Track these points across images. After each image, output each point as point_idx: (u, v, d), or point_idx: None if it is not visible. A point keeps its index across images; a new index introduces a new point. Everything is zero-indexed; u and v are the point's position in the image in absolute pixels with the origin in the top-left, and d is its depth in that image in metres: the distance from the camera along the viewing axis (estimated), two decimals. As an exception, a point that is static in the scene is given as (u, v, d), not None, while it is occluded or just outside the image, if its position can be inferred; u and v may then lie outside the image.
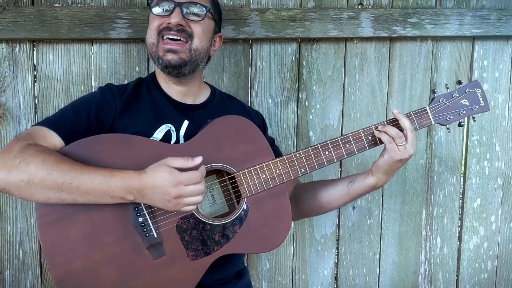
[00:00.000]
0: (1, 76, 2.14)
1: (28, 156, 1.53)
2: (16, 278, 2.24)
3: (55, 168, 1.53)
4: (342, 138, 1.82)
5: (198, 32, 1.82)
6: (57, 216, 1.61)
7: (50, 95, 2.19)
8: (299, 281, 2.58)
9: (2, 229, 2.20)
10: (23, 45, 2.15)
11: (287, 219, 1.81)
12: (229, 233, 1.73)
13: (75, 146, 1.65)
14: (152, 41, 1.81)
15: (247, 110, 2.07)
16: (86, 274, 1.63)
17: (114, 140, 1.70)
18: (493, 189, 2.74)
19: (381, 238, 2.65)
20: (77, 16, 2.13)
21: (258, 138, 1.82)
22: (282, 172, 1.78)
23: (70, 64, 2.20)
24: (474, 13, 2.54)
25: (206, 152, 1.71)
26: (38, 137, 1.64)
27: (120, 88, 1.88)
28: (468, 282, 2.78)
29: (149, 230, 1.65)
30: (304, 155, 1.80)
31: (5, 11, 2.06)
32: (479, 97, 1.90)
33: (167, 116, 1.84)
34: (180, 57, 1.78)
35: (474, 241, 2.76)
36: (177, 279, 1.69)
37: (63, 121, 1.72)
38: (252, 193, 1.75)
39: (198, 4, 1.81)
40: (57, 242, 1.61)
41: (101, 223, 1.63)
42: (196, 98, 1.96)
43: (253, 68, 2.41)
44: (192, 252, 1.70)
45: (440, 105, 1.87)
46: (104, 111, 1.78)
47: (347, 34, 2.43)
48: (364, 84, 2.53)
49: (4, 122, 2.15)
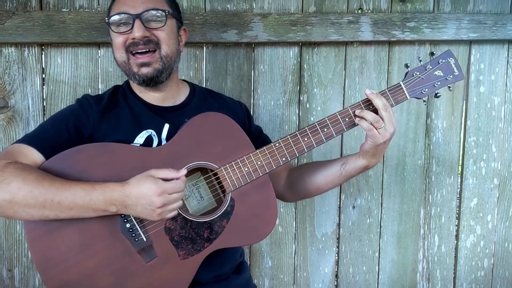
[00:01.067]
0: (11, 79, 2.13)
1: (8, 175, 1.50)
2: (25, 275, 2.24)
3: (36, 186, 1.50)
4: (320, 122, 1.75)
5: (164, 38, 1.76)
6: (45, 229, 1.58)
7: (58, 97, 2.18)
8: (300, 279, 2.57)
9: (11, 228, 2.20)
10: (31, 48, 2.14)
11: (273, 208, 1.78)
12: (218, 229, 1.71)
13: (56, 159, 1.62)
14: (122, 59, 1.76)
15: (227, 104, 2.01)
16: (81, 282, 1.60)
17: (94, 149, 1.67)
18: (490, 189, 2.72)
19: (380, 237, 2.63)
20: (84, 21, 2.13)
21: (237, 132, 1.78)
22: (263, 163, 1.74)
23: (78, 67, 2.20)
24: (471, 17, 2.52)
25: (187, 150, 1.70)
26: (18, 154, 1.61)
27: (96, 98, 1.83)
28: (465, 279, 2.77)
29: (137, 234, 1.62)
30: (284, 144, 1.74)
31: (14, 15, 2.06)
32: (453, 66, 1.81)
33: (146, 122, 1.80)
34: (154, 68, 1.75)
35: (471, 239, 2.74)
36: (171, 278, 1.67)
37: (42, 136, 1.68)
38: (236, 187, 1.72)
39: (156, 9, 1.74)
40: (49, 254, 1.58)
41: (90, 232, 1.60)
42: (175, 99, 1.91)
43: (256, 71, 2.40)
44: (183, 251, 1.68)
45: (414, 79, 1.79)
46: (82, 121, 1.74)
47: (347, 38, 2.42)
48: (364, 87, 2.51)
49: (14, 123, 2.15)
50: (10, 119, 2.14)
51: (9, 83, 2.13)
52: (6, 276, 2.22)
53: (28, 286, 2.24)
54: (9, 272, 2.22)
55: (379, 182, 2.59)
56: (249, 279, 2.03)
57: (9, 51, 2.12)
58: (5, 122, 2.14)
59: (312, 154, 2.49)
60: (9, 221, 2.19)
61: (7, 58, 2.13)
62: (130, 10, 1.72)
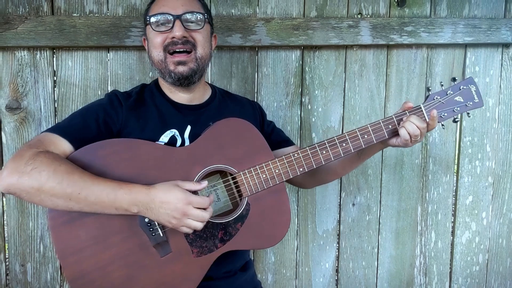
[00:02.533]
0: (23, 82, 2.11)
1: (39, 164, 1.48)
2: (37, 270, 2.21)
3: (66, 178, 1.48)
4: (339, 137, 1.75)
5: (200, 41, 1.77)
6: (67, 218, 1.58)
7: (69, 99, 2.16)
8: (302, 273, 2.54)
9: (24, 225, 2.17)
10: (43, 52, 2.12)
11: (286, 215, 1.76)
12: (232, 231, 1.69)
13: (82, 151, 1.61)
14: (159, 58, 1.76)
15: (243, 104, 2.01)
16: (97, 271, 1.60)
17: (120, 144, 1.66)
18: (484, 187, 2.71)
19: (379, 233, 2.61)
20: (94, 25, 2.10)
21: (257, 138, 1.77)
22: (281, 172, 1.73)
23: (88, 70, 2.17)
24: (466, 22, 2.51)
25: (209, 153, 1.69)
26: (49, 143, 1.59)
27: (125, 95, 1.82)
28: (460, 274, 2.75)
29: (155, 229, 1.61)
30: (303, 155, 1.74)
31: (27, 20, 2.04)
32: (473, 94, 1.80)
33: (172, 122, 1.79)
34: (189, 68, 1.75)
35: (466, 236, 2.73)
36: (183, 274, 1.66)
37: (73, 127, 1.67)
38: (253, 192, 1.71)
39: (196, 12, 1.76)
40: (68, 242, 1.58)
41: (109, 224, 1.59)
42: (201, 99, 1.90)
43: (259, 74, 2.38)
44: (197, 249, 1.66)
45: (434, 103, 1.78)
46: (111, 117, 1.73)
47: (347, 42, 2.39)
48: (363, 89, 2.49)
49: (26, 124, 2.12)
50: (23, 120, 2.12)
51: (22, 85, 2.11)
52: (19, 271, 2.20)
53: (40, 280, 2.22)
54: (22, 267, 2.20)
55: (378, 180, 2.57)
56: (254, 275, 2.01)
57: (22, 54, 2.10)
58: (18, 123, 2.12)
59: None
60: (21, 218, 2.17)
61: (20, 61, 2.10)
62: (171, 11, 1.73)
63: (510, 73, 2.66)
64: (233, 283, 1.85)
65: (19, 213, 2.17)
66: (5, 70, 2.10)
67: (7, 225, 2.18)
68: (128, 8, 2.18)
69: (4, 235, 2.18)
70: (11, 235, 2.18)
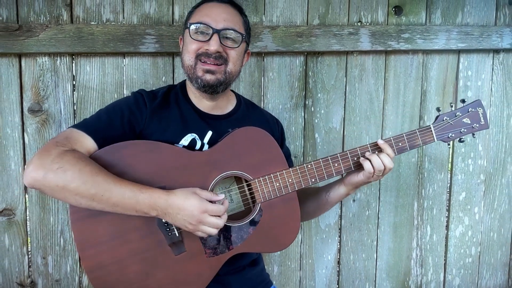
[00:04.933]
0: (44, 86, 2.07)
1: (65, 163, 1.43)
2: (58, 262, 2.18)
3: (90, 179, 1.43)
4: (351, 151, 1.72)
5: (233, 57, 1.70)
6: (89, 213, 1.53)
7: (87, 102, 2.12)
8: (306, 265, 2.50)
9: (45, 220, 2.14)
10: (63, 58, 2.08)
11: (296, 222, 1.72)
12: (244, 234, 1.65)
13: (106, 150, 1.56)
14: (190, 63, 1.69)
15: (266, 119, 1.93)
16: (113, 265, 1.56)
17: (142, 145, 1.61)
18: (476, 184, 2.68)
19: (378, 227, 2.58)
20: (111, 33, 2.06)
21: (274, 148, 1.72)
22: (294, 181, 1.69)
23: (105, 74, 2.13)
24: (460, 29, 2.47)
25: (226, 159, 1.64)
26: (74, 141, 1.53)
27: (151, 95, 1.75)
28: (454, 265, 2.73)
29: (171, 229, 1.58)
30: (315, 166, 1.70)
31: (48, 28, 2.00)
32: (480, 116, 1.77)
33: (193, 126, 1.72)
34: (217, 78, 1.67)
35: (459, 229, 2.70)
36: (194, 273, 1.62)
37: (98, 125, 1.61)
38: (266, 199, 1.67)
39: (235, 31, 1.68)
40: (88, 236, 1.55)
41: (128, 221, 1.55)
42: (223, 109, 1.83)
43: (265, 78, 2.33)
44: (210, 250, 1.63)
45: (443, 124, 1.76)
46: (135, 116, 1.66)
47: (348, 48, 2.35)
48: (363, 92, 2.45)
49: (47, 126, 2.08)
50: (44, 121, 2.08)
51: (43, 89, 2.07)
52: (40, 263, 2.16)
53: (61, 272, 2.18)
54: (43, 260, 2.16)
55: (377, 178, 2.51)
56: (262, 269, 1.96)
57: (43, 60, 2.05)
58: (40, 124, 2.07)
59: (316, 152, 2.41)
60: (43, 214, 2.13)
61: (41, 66, 2.06)
62: (212, 23, 1.65)
63: (501, 77, 2.63)
64: (242, 277, 1.80)
65: (41, 209, 2.12)
66: (27, 75, 2.05)
67: (30, 220, 2.14)
68: (142, 17, 2.14)
69: (27, 229, 2.14)
70: (33, 230, 2.14)
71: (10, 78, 2.04)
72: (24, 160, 2.08)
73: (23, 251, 2.14)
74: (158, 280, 1.59)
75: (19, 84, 2.05)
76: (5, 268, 2.13)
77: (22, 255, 2.15)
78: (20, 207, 2.11)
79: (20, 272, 2.15)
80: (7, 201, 2.09)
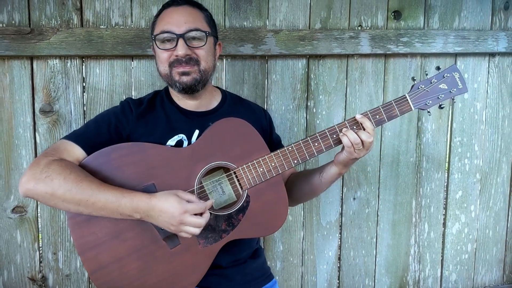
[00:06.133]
0: (55, 87, 2.05)
1: (52, 172, 1.46)
2: (68, 258, 2.17)
3: (75, 186, 1.46)
4: (329, 129, 1.64)
5: (203, 56, 1.68)
6: (84, 217, 1.54)
7: (97, 103, 2.10)
8: (308, 261, 2.48)
9: (56, 217, 2.13)
10: (73, 60, 2.06)
11: (284, 205, 1.69)
12: (234, 221, 1.63)
13: (94, 156, 1.58)
14: (165, 72, 1.69)
15: (253, 111, 1.91)
16: (113, 264, 1.56)
17: (128, 148, 1.61)
18: (473, 183, 2.67)
19: (377, 225, 2.56)
20: (119, 36, 2.05)
21: (254, 136, 1.68)
22: (277, 165, 1.64)
23: (114, 76, 2.11)
24: (456, 33, 2.46)
25: (209, 151, 1.63)
26: (62, 151, 1.56)
27: (137, 101, 1.76)
28: (451, 261, 2.71)
29: None
30: (296, 148, 1.65)
31: (59, 32, 1.99)
32: (457, 80, 1.67)
33: (179, 127, 1.72)
34: (193, 77, 1.66)
35: (456, 227, 2.68)
36: (191, 264, 1.61)
37: (86, 135, 1.63)
38: (252, 185, 1.64)
39: (198, 30, 1.66)
40: (86, 239, 1.56)
41: (122, 221, 1.55)
42: (208, 106, 1.81)
43: (269, 80, 2.31)
44: (203, 240, 1.61)
45: (419, 92, 1.65)
46: (121, 123, 1.68)
47: (349, 51, 2.33)
48: (363, 94, 2.43)
49: (58, 126, 2.07)
50: (55, 122, 2.06)
51: (54, 90, 2.05)
52: (51, 258, 2.15)
53: (71, 267, 2.16)
54: (54, 255, 2.15)
55: (377, 177, 2.51)
56: (264, 262, 1.94)
57: (54, 62, 2.04)
58: (51, 124, 2.06)
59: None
60: (54, 211, 2.11)
61: (52, 69, 2.04)
62: (175, 29, 1.64)
63: (496, 80, 2.61)
64: (243, 270, 1.79)
65: (52, 207, 2.10)
66: (39, 77, 2.04)
67: (41, 217, 2.12)
68: (150, 21, 2.10)
69: (38, 226, 2.13)
70: (44, 226, 2.13)
71: (22, 80, 2.02)
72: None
73: (35, 247, 2.13)
74: (158, 274, 1.59)
75: (31, 86, 2.04)
76: (17, 263, 2.11)
77: (34, 251, 2.13)
78: (32, 205, 2.09)
79: (31, 267, 2.13)
80: (19, 199, 2.07)
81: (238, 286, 1.77)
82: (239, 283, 1.77)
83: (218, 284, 1.72)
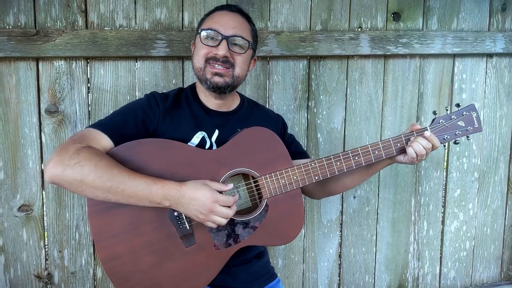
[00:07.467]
0: (61, 88, 2.02)
1: (82, 159, 1.42)
2: (73, 256, 2.14)
3: (106, 173, 1.42)
4: (353, 151, 1.69)
5: (240, 62, 1.69)
6: (104, 206, 1.51)
7: (101, 103, 2.08)
8: (309, 258, 2.46)
9: (61, 215, 2.10)
10: (78, 61, 2.03)
11: (300, 217, 1.69)
12: (251, 228, 1.62)
13: (122, 148, 1.54)
14: (199, 66, 1.68)
15: (268, 115, 1.93)
16: (127, 256, 1.53)
17: (155, 143, 1.59)
18: (471, 181, 2.65)
19: (377, 223, 2.53)
20: (123, 38, 2.02)
21: (279, 147, 1.69)
22: (299, 179, 1.65)
23: (118, 77, 2.09)
24: (455, 34, 2.44)
25: (234, 157, 1.62)
26: (91, 139, 1.52)
27: (163, 96, 1.74)
28: (449, 259, 2.69)
29: (182, 222, 1.55)
30: (319, 165, 1.67)
31: (64, 33, 1.96)
32: (474, 120, 1.75)
33: (202, 124, 1.71)
34: (225, 80, 1.67)
35: (455, 225, 2.66)
36: (203, 264, 1.60)
37: (113, 125, 1.59)
38: (272, 195, 1.64)
39: (242, 38, 1.67)
40: (103, 228, 1.52)
41: (141, 214, 1.52)
42: (229, 107, 1.82)
43: (271, 81, 2.28)
44: (218, 243, 1.60)
45: (439, 126, 1.72)
46: (149, 117, 1.65)
47: (349, 52, 2.31)
48: (363, 94, 2.40)
49: (63, 126, 2.04)
50: (60, 122, 2.03)
51: (59, 91, 2.02)
52: (57, 256, 2.12)
53: (76, 265, 2.14)
54: (60, 253, 2.12)
55: (376, 175, 2.48)
56: (268, 261, 1.93)
57: (59, 63, 2.01)
58: (56, 124, 2.03)
59: (318, 151, 2.36)
60: (59, 210, 2.09)
61: (58, 70, 2.01)
62: (221, 29, 1.65)
63: (494, 80, 2.59)
64: (249, 269, 1.78)
65: (57, 205, 2.08)
66: (44, 78, 2.01)
67: (47, 215, 2.10)
68: (153, 23, 2.09)
69: (44, 224, 2.10)
70: (50, 225, 2.10)
71: (28, 80, 1.99)
72: (41, 158, 2.04)
73: (40, 245, 2.10)
74: (169, 270, 1.56)
75: (36, 87, 2.01)
76: (23, 261, 2.09)
77: (39, 249, 2.10)
78: (38, 203, 2.07)
79: (37, 265, 2.11)
80: (25, 197, 2.05)
81: (243, 284, 1.76)
82: (243, 281, 1.76)
83: (223, 281, 1.71)
